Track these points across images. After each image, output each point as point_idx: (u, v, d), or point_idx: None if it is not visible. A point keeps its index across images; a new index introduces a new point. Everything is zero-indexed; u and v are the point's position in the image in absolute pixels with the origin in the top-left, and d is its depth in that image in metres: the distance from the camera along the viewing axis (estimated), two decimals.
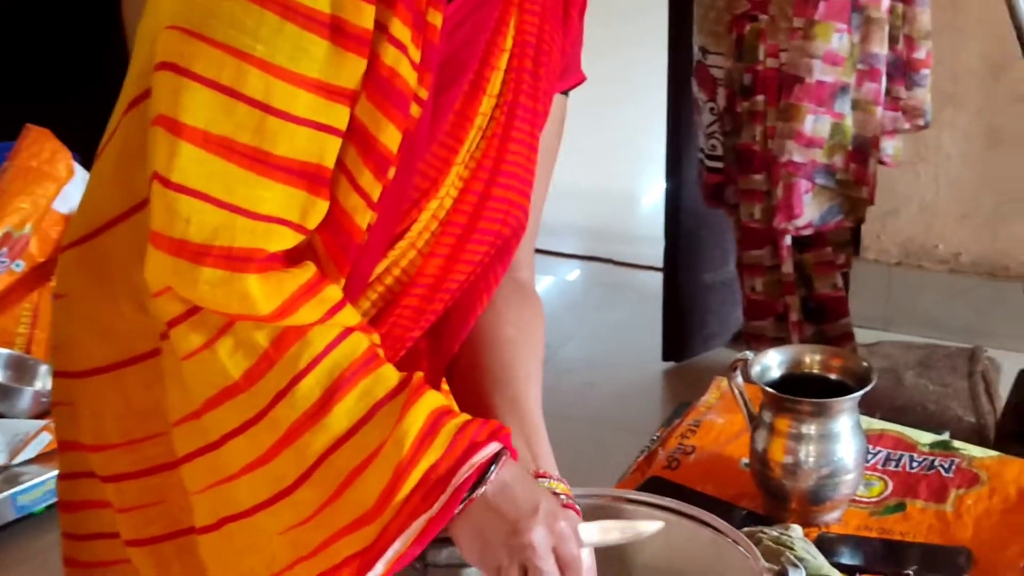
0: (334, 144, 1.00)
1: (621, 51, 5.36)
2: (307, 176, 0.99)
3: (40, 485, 2.79)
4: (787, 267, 2.84)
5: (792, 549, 1.29)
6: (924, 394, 2.56)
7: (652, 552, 1.14)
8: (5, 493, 2.74)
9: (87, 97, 2.49)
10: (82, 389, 1.17)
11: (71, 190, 3.13)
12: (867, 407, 1.52)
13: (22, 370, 3.06)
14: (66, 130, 3.16)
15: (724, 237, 3.23)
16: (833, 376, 1.48)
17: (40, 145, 3.12)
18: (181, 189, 0.97)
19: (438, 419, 0.99)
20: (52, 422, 2.81)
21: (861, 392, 1.42)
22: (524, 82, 1.17)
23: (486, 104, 1.14)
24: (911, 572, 1.35)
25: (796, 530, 1.34)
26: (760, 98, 2.75)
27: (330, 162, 1.01)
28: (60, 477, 1.25)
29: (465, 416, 1.01)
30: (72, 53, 4.21)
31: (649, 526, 1.05)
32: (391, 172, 1.04)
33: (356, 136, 1.02)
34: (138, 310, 1.06)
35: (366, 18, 0.99)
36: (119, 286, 1.09)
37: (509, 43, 1.16)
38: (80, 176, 3.13)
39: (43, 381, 3.05)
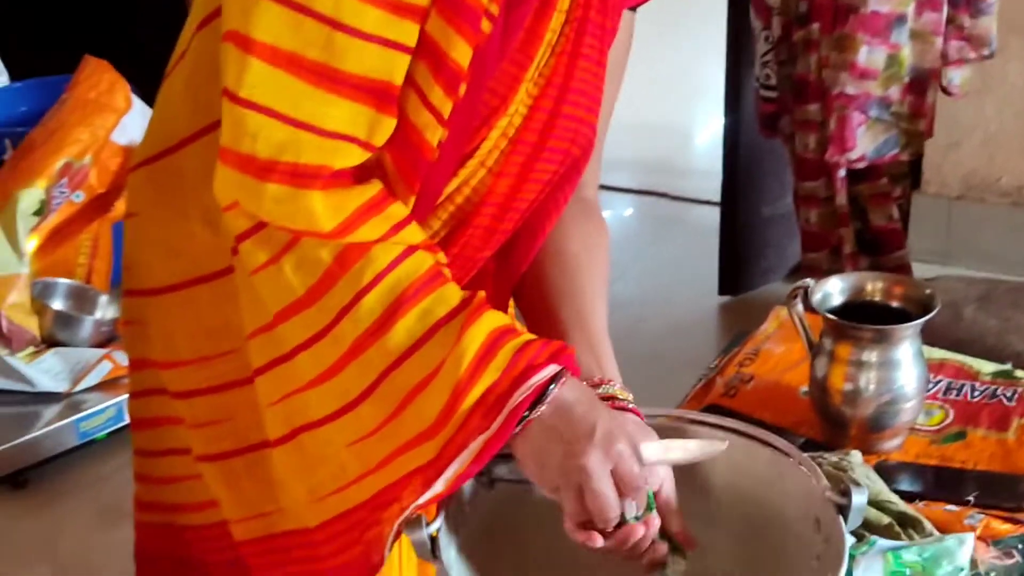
0: (402, 61, 1.00)
1: None
2: (375, 93, 0.99)
3: (102, 412, 2.84)
4: (841, 199, 2.81)
5: (851, 474, 1.29)
6: (984, 328, 2.52)
7: (712, 471, 1.15)
8: (68, 419, 2.80)
9: (143, 28, 2.51)
10: (153, 307, 1.18)
11: (129, 121, 3.15)
12: (926, 341, 1.51)
13: (83, 300, 3.11)
14: (125, 60, 3.17)
15: (783, 170, 3.19)
16: (895, 304, 1.48)
17: (98, 76, 3.14)
18: (249, 105, 0.97)
19: (498, 339, 0.99)
20: (114, 349, 2.89)
21: (923, 319, 1.41)
22: None
23: (556, 20, 1.13)
24: (971, 499, 1.35)
25: (856, 456, 1.34)
26: (815, 26, 2.71)
27: (398, 79, 1.00)
28: (131, 396, 1.26)
29: (527, 336, 1.01)
30: None
31: (713, 446, 1.05)
32: (462, 89, 1.03)
33: (426, 52, 1.01)
34: (209, 229, 1.07)
35: None
36: (190, 205, 1.10)
37: None
38: (138, 107, 3.15)
39: (103, 311, 3.10)
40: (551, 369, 1.00)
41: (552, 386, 0.99)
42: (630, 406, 1.09)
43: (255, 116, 0.97)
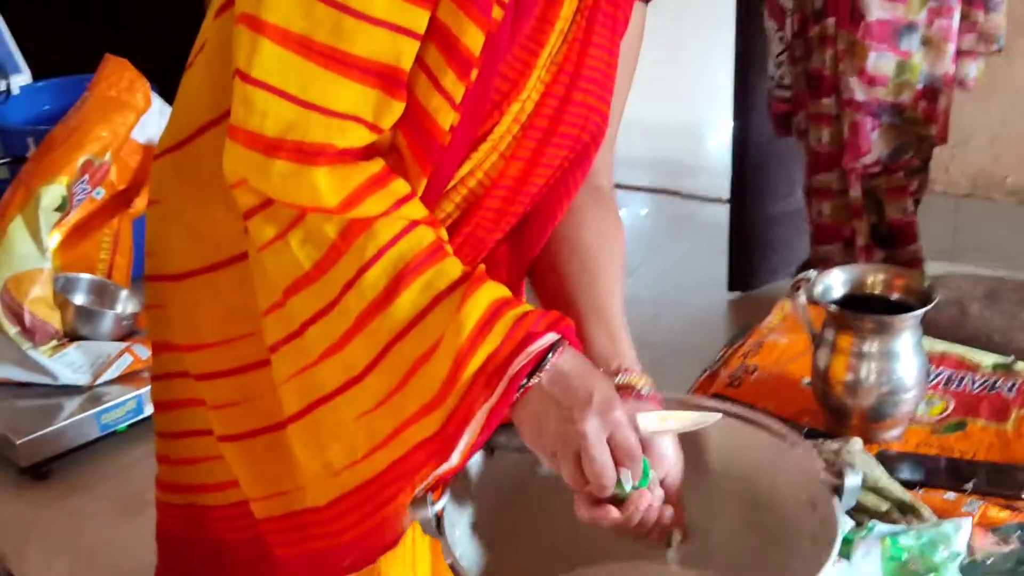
0: (410, 46, 1.02)
1: None
2: (382, 76, 1.02)
3: (123, 404, 2.88)
4: (855, 192, 2.82)
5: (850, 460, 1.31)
6: (990, 325, 2.53)
7: (710, 455, 1.17)
8: (89, 412, 2.84)
9: (166, 24, 2.54)
10: (176, 291, 1.21)
11: (148, 119, 3.17)
12: (931, 337, 1.53)
13: (104, 294, 3.15)
14: (145, 59, 3.21)
15: (791, 168, 3.22)
16: (895, 296, 1.50)
17: (119, 75, 3.17)
18: (259, 84, 1.00)
19: (498, 309, 1.01)
20: (134, 342, 2.92)
21: (923, 310, 1.44)
22: None
23: (567, 8, 1.15)
24: (970, 487, 1.37)
25: (856, 443, 1.36)
26: (831, 21, 2.73)
27: (406, 64, 1.03)
28: (153, 378, 1.29)
29: (526, 306, 1.04)
30: None
31: (708, 417, 1.06)
32: (473, 74, 1.06)
33: (439, 37, 1.04)
34: (231, 213, 1.09)
35: None
36: (212, 190, 1.12)
37: None
38: (157, 106, 3.19)
39: (124, 305, 3.14)
40: (550, 337, 1.02)
41: (550, 354, 1.01)
42: (647, 393, 1.10)
43: (265, 95, 1.00)
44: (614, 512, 1.02)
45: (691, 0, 5.22)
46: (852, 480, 1.05)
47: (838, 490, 1.05)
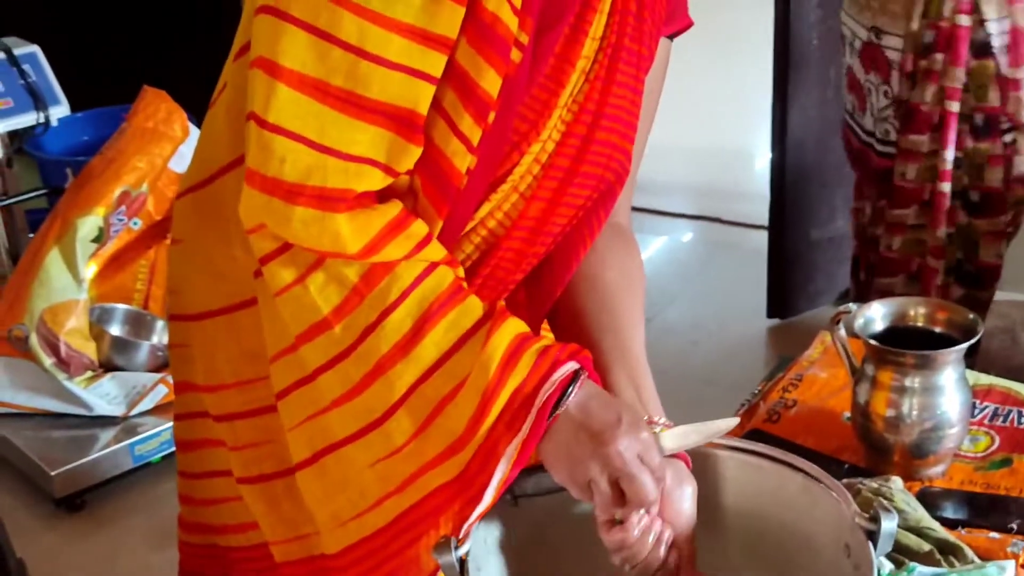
0: (427, 90, 1.01)
1: (726, 4, 5.27)
2: (399, 120, 1.01)
3: (157, 435, 2.90)
4: (941, 231, 2.72)
5: (891, 500, 1.28)
6: None
7: (743, 498, 1.14)
8: (124, 443, 2.85)
9: (204, 55, 2.55)
10: (196, 331, 1.21)
11: (186, 150, 3.19)
12: (982, 367, 1.50)
13: (140, 325, 3.16)
14: (181, 89, 3.23)
15: (832, 193, 3.18)
16: (938, 329, 1.46)
17: (156, 106, 3.19)
18: (277, 129, 0.99)
19: (522, 343, 1.00)
20: (169, 373, 2.92)
21: (966, 345, 1.40)
22: (628, 24, 1.16)
23: (588, 47, 1.13)
24: (1015, 526, 1.33)
25: (896, 482, 1.33)
26: (939, 56, 2.57)
27: (423, 108, 1.02)
28: (176, 418, 1.29)
29: (547, 339, 1.03)
30: (188, 11, 4.29)
31: (725, 423, 1.06)
32: (491, 116, 1.05)
33: (456, 81, 1.02)
34: (250, 255, 1.09)
35: None
36: (232, 231, 1.12)
37: None
38: (194, 136, 3.20)
39: (159, 336, 3.14)
40: (571, 366, 1.01)
41: (574, 383, 1.00)
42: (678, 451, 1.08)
43: (283, 140, 0.99)
44: (634, 523, 1.01)
45: (732, 27, 5.19)
46: (888, 525, 1.01)
47: (872, 535, 1.02)
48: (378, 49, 0.98)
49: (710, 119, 4.90)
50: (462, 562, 1.02)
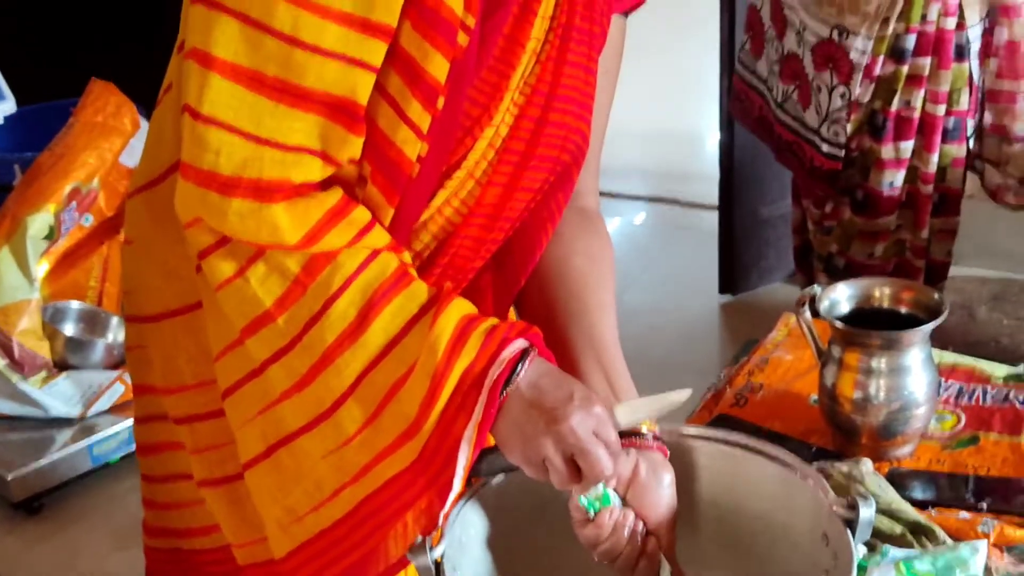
0: (365, 78, 1.00)
1: None
2: (336, 108, 0.99)
3: (115, 436, 2.86)
4: (925, 232, 2.71)
5: (862, 483, 1.27)
6: (998, 328, 2.51)
7: (720, 488, 1.13)
8: (81, 443, 2.81)
9: (153, 46, 2.51)
10: (154, 333, 1.19)
11: (136, 144, 3.15)
12: (939, 342, 1.49)
13: (94, 323, 3.11)
14: (130, 81, 3.18)
15: (781, 171, 3.13)
16: (903, 309, 1.46)
17: (105, 99, 3.14)
18: (211, 121, 0.98)
19: (469, 324, 0.99)
20: (126, 371, 2.88)
21: (932, 324, 1.40)
22: (578, 3, 1.15)
23: (539, 27, 1.12)
24: (984, 505, 1.34)
25: (866, 464, 1.33)
26: (926, 60, 2.53)
27: (362, 96, 1.00)
28: (136, 421, 1.27)
29: (494, 319, 1.01)
30: (136, 1, 4.23)
31: (677, 395, 1.04)
32: (440, 102, 1.03)
33: (402, 67, 1.01)
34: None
35: None
36: (184, 230, 1.10)
37: None
38: (145, 129, 3.16)
39: (114, 333, 3.10)
40: (519, 343, 1.00)
41: (523, 361, 0.99)
42: (650, 436, 1.06)
43: (217, 132, 0.98)
44: (605, 520, 1.01)
45: (680, 7, 5.19)
46: (866, 512, 1.01)
47: (851, 523, 1.01)
48: (313, 38, 0.97)
49: (661, 101, 4.90)
50: (437, 564, 1.01)
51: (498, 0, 1.08)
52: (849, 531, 1.01)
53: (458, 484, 0.99)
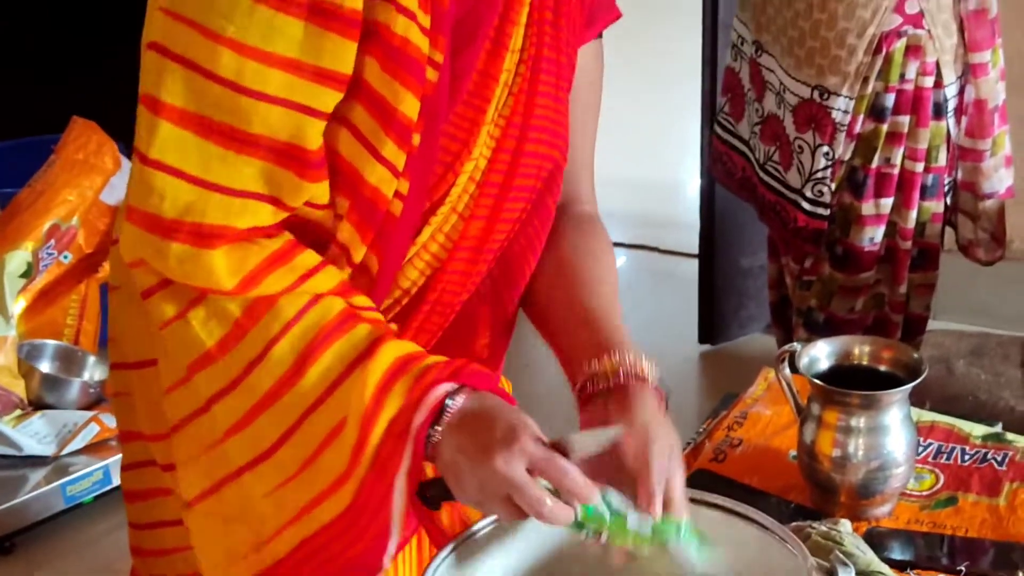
0: (312, 125, 1.01)
1: (655, 33, 5.29)
2: (283, 154, 1.01)
3: (89, 475, 2.83)
4: (903, 287, 2.72)
5: (841, 545, 1.27)
6: (976, 383, 2.52)
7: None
8: (55, 483, 2.78)
9: (135, 85, 2.51)
10: (138, 380, 1.18)
11: (118, 182, 3.15)
12: (917, 397, 1.50)
13: (71, 361, 3.10)
14: (113, 120, 3.17)
15: (762, 223, 3.16)
16: (883, 368, 1.46)
17: (87, 137, 3.14)
18: (158, 165, 0.99)
19: (400, 367, 0.99)
20: (101, 411, 2.86)
21: (911, 384, 1.40)
22: (546, 34, 1.17)
23: (509, 60, 1.14)
24: (963, 568, 1.33)
25: (845, 525, 1.32)
26: (904, 119, 2.56)
27: (310, 142, 1.01)
28: (124, 468, 1.26)
29: (434, 358, 1.01)
30: (117, 41, 4.23)
31: (615, 431, 1.04)
32: (415, 139, 1.05)
33: (374, 107, 1.02)
34: None
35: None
36: (131, 270, 1.10)
37: None
38: (127, 167, 3.15)
39: (91, 372, 3.08)
40: (446, 386, 0.99)
41: (449, 401, 0.98)
42: (651, 377, 1.12)
43: (163, 177, 0.99)
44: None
45: (661, 56, 5.23)
46: None
47: None
48: (257, 84, 0.98)
49: (642, 149, 4.93)
50: None
51: (467, 36, 1.09)
52: None
53: (396, 532, 0.99)
